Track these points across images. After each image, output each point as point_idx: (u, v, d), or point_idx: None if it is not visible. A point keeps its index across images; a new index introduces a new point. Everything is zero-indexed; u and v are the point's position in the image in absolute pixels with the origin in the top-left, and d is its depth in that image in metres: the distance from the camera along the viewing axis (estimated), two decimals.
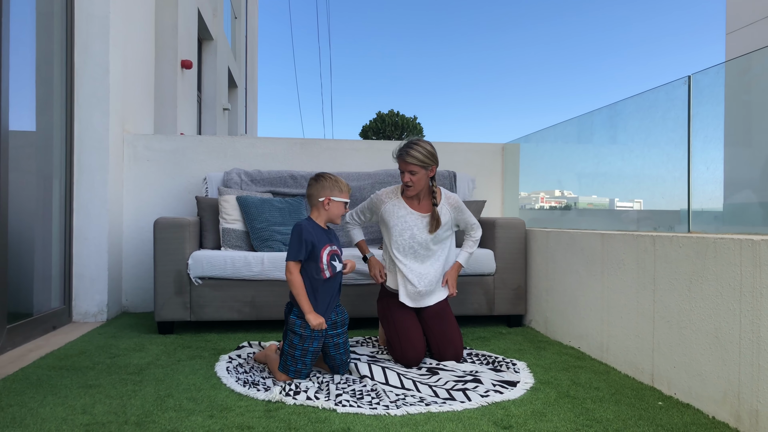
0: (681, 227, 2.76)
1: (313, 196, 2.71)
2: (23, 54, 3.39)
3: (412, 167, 2.92)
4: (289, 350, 2.59)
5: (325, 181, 2.69)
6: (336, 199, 2.68)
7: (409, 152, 2.91)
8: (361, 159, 4.77)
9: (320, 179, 2.70)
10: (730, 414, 2.16)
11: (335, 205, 2.70)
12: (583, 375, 2.75)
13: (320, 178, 2.71)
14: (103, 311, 4.03)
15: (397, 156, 2.98)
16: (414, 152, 2.91)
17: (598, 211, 3.89)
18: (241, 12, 14.33)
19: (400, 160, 2.96)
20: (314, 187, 2.71)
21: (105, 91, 4.04)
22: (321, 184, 2.69)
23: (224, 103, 10.67)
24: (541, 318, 3.74)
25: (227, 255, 3.62)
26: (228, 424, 2.08)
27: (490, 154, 4.95)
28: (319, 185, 2.70)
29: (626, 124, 3.39)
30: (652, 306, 2.62)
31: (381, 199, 3.08)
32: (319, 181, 2.70)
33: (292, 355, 2.58)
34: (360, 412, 2.21)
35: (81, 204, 4.01)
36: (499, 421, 2.14)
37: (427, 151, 2.93)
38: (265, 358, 2.85)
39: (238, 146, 4.63)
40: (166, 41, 6.24)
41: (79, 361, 2.93)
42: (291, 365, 2.59)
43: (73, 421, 2.10)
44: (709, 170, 2.67)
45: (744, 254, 2.11)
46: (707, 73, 2.65)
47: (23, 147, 3.42)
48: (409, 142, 2.96)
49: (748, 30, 12.30)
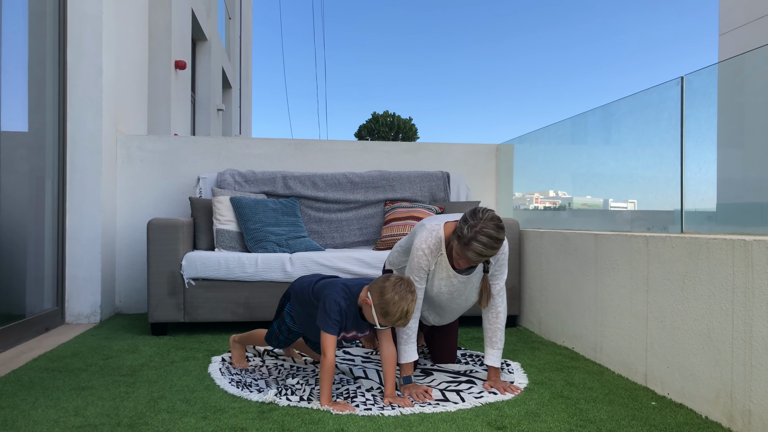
0: (674, 228, 2.76)
1: (372, 286, 2.33)
2: (16, 54, 3.38)
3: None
4: (277, 330, 2.71)
5: (387, 292, 2.27)
6: (373, 313, 2.30)
7: (496, 247, 2.35)
8: (355, 159, 4.76)
9: (390, 286, 2.27)
10: (722, 414, 2.16)
11: (368, 312, 2.33)
12: (577, 375, 2.75)
13: (390, 286, 2.27)
14: (96, 312, 4.02)
15: (486, 255, 2.36)
16: (500, 243, 2.37)
17: (591, 212, 3.90)
18: (235, 13, 14.30)
19: (485, 258, 2.39)
20: (380, 284, 2.30)
21: (98, 91, 4.03)
22: (383, 288, 2.28)
23: (218, 103, 10.65)
24: (534, 318, 3.74)
25: (221, 256, 3.61)
26: (221, 426, 2.07)
27: (484, 154, 4.96)
28: (382, 287, 2.28)
29: (620, 125, 3.40)
30: (645, 306, 2.62)
31: (429, 263, 2.55)
32: (386, 285, 2.28)
33: (277, 335, 2.72)
34: (354, 413, 2.21)
35: (74, 205, 3.99)
36: (492, 421, 2.14)
37: (503, 236, 2.38)
38: (242, 341, 2.91)
39: (232, 147, 4.62)
40: (160, 41, 6.22)
41: (72, 362, 2.91)
42: (274, 338, 2.73)
43: (65, 423, 2.09)
44: (702, 171, 2.68)
45: (736, 255, 2.11)
46: (700, 74, 2.66)
47: (16, 147, 3.40)
48: (496, 239, 2.32)
49: (740, 31, 12.36)
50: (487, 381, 2.58)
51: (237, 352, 2.91)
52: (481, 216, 2.34)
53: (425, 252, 2.50)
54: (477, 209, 2.38)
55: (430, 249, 2.50)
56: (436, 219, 2.58)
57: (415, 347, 2.52)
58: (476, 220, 2.33)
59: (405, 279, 2.32)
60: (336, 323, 2.32)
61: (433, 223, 2.55)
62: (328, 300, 2.34)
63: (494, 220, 2.34)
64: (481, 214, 2.35)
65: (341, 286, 2.39)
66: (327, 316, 2.32)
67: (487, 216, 2.34)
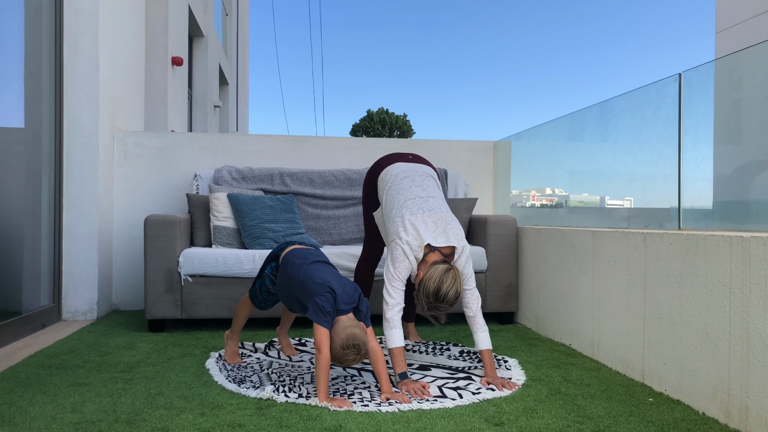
0: (671, 225, 2.77)
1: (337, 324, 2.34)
2: (11, 50, 3.36)
3: None
4: (258, 290, 2.79)
5: (348, 349, 2.28)
6: (336, 345, 2.29)
7: (447, 309, 2.54)
8: (352, 156, 4.76)
9: (354, 344, 2.28)
10: (720, 410, 2.17)
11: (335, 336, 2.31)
12: (574, 372, 2.76)
13: (354, 343, 2.28)
14: (93, 309, 4.01)
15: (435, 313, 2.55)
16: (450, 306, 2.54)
17: (588, 209, 3.90)
18: (232, 9, 14.27)
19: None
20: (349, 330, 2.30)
21: (95, 87, 4.01)
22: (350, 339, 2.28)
23: (215, 100, 10.63)
24: (532, 315, 3.75)
25: (218, 252, 3.60)
26: (219, 422, 2.07)
27: (481, 151, 4.96)
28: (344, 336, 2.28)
29: (617, 122, 3.40)
30: (642, 303, 2.63)
31: (413, 267, 2.62)
32: (349, 344, 2.28)
33: (257, 295, 2.81)
34: (351, 409, 2.21)
35: (70, 201, 3.98)
36: (490, 417, 2.15)
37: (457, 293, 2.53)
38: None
39: (229, 143, 4.61)
40: (157, 38, 6.21)
41: (69, 359, 2.90)
42: (255, 298, 2.81)
43: (62, 419, 2.08)
44: (699, 167, 2.68)
45: (734, 251, 2.12)
46: (698, 70, 2.66)
47: (11, 144, 3.39)
48: (452, 302, 2.51)
49: (737, 28, 12.39)
50: (484, 377, 2.59)
51: (230, 349, 2.90)
52: (443, 297, 2.48)
53: (407, 264, 2.60)
54: (440, 290, 2.47)
55: (413, 260, 2.60)
56: (412, 233, 2.62)
57: (401, 332, 2.56)
58: (437, 301, 2.50)
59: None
60: (329, 315, 2.32)
61: (414, 242, 2.60)
62: (320, 297, 2.34)
63: (452, 299, 2.49)
64: (444, 294, 2.48)
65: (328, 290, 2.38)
66: (320, 309, 2.31)
67: (448, 298, 2.49)
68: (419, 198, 2.75)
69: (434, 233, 2.61)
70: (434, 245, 2.59)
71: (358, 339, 2.28)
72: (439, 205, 2.76)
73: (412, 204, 2.71)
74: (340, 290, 2.36)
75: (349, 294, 2.39)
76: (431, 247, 2.58)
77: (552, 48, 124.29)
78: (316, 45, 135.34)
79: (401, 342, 2.53)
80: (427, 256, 2.58)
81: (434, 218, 2.66)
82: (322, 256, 2.62)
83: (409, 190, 2.78)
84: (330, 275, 2.44)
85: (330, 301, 2.33)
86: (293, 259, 2.57)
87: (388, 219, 2.77)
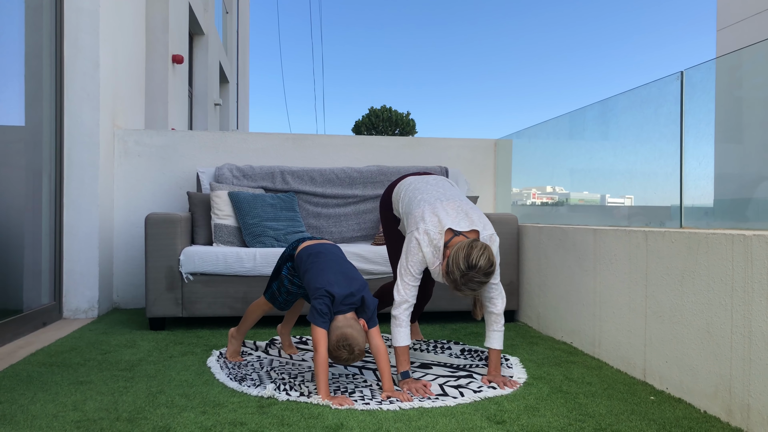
0: (672, 223, 2.77)
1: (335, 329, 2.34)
2: (12, 48, 3.36)
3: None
4: (276, 292, 2.77)
5: (340, 349, 2.30)
6: (330, 344, 2.32)
7: (486, 284, 2.42)
8: (353, 154, 4.75)
9: (346, 344, 2.30)
10: (721, 408, 2.17)
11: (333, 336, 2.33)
12: (576, 370, 2.76)
13: (345, 343, 2.30)
14: (93, 307, 4.01)
15: (478, 292, 2.45)
16: (490, 279, 2.42)
17: (589, 207, 3.90)
18: (232, 7, 14.26)
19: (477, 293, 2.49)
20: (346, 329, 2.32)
21: (95, 85, 4.01)
22: (341, 340, 2.31)
23: (215, 98, 10.62)
24: (533, 313, 3.75)
25: (219, 251, 3.60)
26: (221, 420, 2.07)
27: (482, 149, 4.96)
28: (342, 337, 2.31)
29: (618, 120, 3.40)
30: (644, 301, 2.63)
31: (430, 261, 2.54)
32: (340, 344, 2.31)
33: (277, 297, 2.78)
34: (353, 407, 2.21)
35: (71, 199, 3.98)
36: (492, 416, 2.15)
37: (493, 275, 2.44)
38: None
39: (230, 141, 4.61)
40: (157, 36, 6.20)
41: (70, 357, 2.90)
42: (275, 299, 2.79)
43: (64, 417, 2.08)
44: (702, 166, 2.68)
45: (736, 249, 2.12)
46: (699, 68, 2.66)
47: (12, 142, 3.39)
48: (485, 282, 2.39)
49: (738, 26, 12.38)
50: (486, 375, 2.59)
51: (233, 347, 2.90)
52: (475, 263, 2.33)
53: (423, 257, 2.51)
54: (470, 256, 2.33)
55: (433, 255, 2.50)
56: (432, 221, 2.53)
57: (407, 331, 2.50)
58: (469, 269, 2.33)
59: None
60: (326, 316, 2.34)
61: (433, 229, 2.51)
62: (317, 301, 2.37)
63: (485, 267, 2.34)
64: (475, 261, 2.33)
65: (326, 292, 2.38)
66: (317, 312, 2.34)
67: (480, 265, 2.33)
68: (437, 191, 2.69)
69: (456, 218, 2.51)
70: (457, 230, 2.46)
71: (350, 339, 2.29)
72: (459, 195, 2.71)
73: (430, 196, 2.64)
74: (339, 292, 2.37)
75: (352, 293, 2.40)
76: (454, 232, 2.46)
77: (553, 46, 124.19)
78: (317, 43, 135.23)
79: (406, 341, 2.50)
80: (450, 241, 2.44)
81: (454, 205, 2.57)
82: (330, 251, 2.62)
83: (425, 191, 2.70)
84: (332, 275, 2.44)
85: (327, 304, 2.36)
86: (304, 257, 2.61)
87: (406, 218, 2.68)
